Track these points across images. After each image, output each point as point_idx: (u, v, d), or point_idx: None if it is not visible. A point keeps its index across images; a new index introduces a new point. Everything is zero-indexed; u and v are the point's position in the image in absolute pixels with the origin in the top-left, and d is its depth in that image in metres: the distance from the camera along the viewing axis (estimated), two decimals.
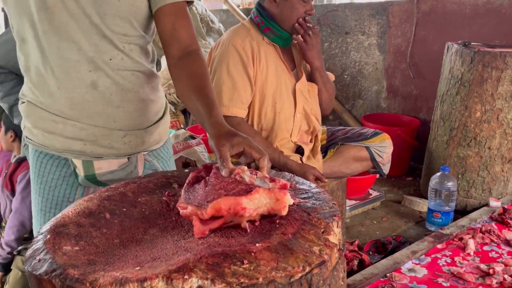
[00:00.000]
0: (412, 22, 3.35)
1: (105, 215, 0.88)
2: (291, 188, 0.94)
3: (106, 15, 1.09)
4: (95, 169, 1.18)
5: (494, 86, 2.40)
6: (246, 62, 1.88)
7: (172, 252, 0.74)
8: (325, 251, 0.73)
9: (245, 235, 0.78)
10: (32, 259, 0.73)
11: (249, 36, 1.92)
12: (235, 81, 1.87)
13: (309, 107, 2.07)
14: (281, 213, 0.80)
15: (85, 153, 1.17)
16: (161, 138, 1.31)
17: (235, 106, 1.88)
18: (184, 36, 1.14)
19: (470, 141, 2.50)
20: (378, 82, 3.71)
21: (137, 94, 1.19)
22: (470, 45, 2.62)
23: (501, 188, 2.53)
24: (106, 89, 1.14)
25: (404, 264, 1.77)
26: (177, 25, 1.14)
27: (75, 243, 0.78)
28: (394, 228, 2.49)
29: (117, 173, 1.20)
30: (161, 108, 1.30)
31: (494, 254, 1.85)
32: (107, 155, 1.19)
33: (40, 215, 1.24)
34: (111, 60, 1.13)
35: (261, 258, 0.69)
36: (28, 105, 1.18)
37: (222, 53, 1.91)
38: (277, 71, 1.97)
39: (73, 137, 1.16)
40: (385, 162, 2.21)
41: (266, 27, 1.94)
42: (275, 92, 1.97)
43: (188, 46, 1.14)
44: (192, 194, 0.85)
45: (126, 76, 1.16)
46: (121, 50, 1.14)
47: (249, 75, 1.89)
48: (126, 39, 1.14)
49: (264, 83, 1.94)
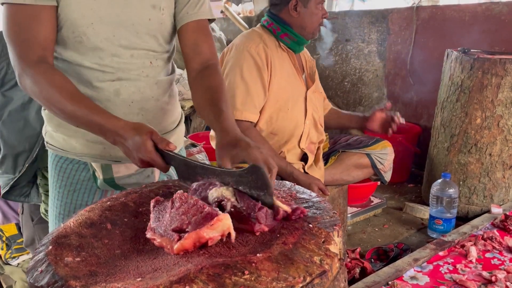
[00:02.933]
0: (411, 29, 3.36)
1: (107, 226, 0.88)
2: (291, 197, 0.95)
3: (138, 33, 1.16)
4: (114, 172, 1.22)
5: (494, 92, 2.40)
6: (260, 66, 1.91)
7: (173, 263, 0.74)
8: (326, 261, 0.73)
9: (246, 245, 0.78)
10: (34, 270, 0.73)
11: (262, 42, 1.95)
12: (248, 85, 1.89)
13: (317, 115, 2.10)
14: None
15: (104, 157, 1.22)
16: (176, 145, 1.33)
17: (247, 110, 1.89)
18: (205, 51, 1.21)
19: (471, 147, 2.50)
20: (379, 89, 3.72)
21: (157, 103, 1.24)
22: (470, 52, 2.63)
23: (502, 195, 2.53)
24: (128, 96, 1.19)
25: (406, 271, 1.77)
26: (199, 40, 1.21)
27: (76, 254, 0.78)
28: (395, 235, 2.48)
29: (134, 177, 1.23)
30: (177, 117, 1.35)
31: (496, 261, 1.85)
32: (126, 159, 1.22)
33: (59, 219, 1.27)
34: (138, 75, 1.19)
35: (262, 268, 0.69)
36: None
37: (236, 58, 1.93)
38: (290, 77, 2.00)
39: (94, 140, 1.20)
40: (387, 170, 2.21)
41: (284, 33, 1.98)
42: (288, 98, 1.99)
43: (208, 60, 1.21)
44: (161, 214, 0.84)
45: (148, 86, 1.22)
46: (147, 66, 1.20)
47: (263, 80, 1.91)
48: (153, 54, 1.21)
49: (277, 88, 1.96)
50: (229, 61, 1.95)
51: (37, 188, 1.78)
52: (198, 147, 2.62)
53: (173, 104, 1.31)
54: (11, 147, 1.69)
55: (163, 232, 0.79)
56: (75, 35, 1.12)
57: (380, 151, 2.17)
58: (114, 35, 1.14)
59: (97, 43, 1.14)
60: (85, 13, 1.10)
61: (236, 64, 1.91)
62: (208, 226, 0.76)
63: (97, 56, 1.15)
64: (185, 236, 0.76)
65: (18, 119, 1.66)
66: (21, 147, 1.69)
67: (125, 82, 1.18)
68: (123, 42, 1.15)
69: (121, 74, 1.17)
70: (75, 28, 1.11)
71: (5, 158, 1.70)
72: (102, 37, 1.13)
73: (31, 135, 1.68)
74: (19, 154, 1.69)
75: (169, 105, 1.29)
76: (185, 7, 1.21)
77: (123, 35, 1.15)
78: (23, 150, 1.68)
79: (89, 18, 1.11)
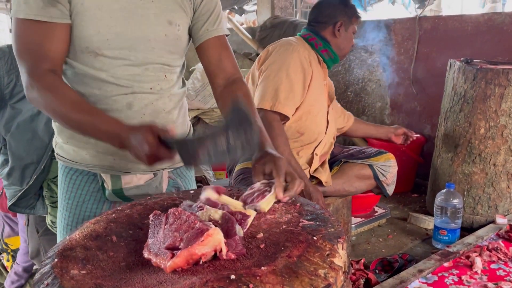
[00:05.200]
0: (414, 39, 3.37)
1: (112, 238, 0.88)
2: (295, 210, 0.95)
3: (154, 48, 1.18)
4: (123, 183, 1.23)
5: (497, 102, 2.40)
6: (305, 69, 2.04)
7: (178, 276, 0.74)
8: (331, 274, 0.73)
9: (250, 258, 0.78)
10: (40, 283, 0.73)
11: (307, 50, 2.09)
12: (293, 83, 2.00)
13: (333, 130, 2.23)
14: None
15: (114, 168, 1.23)
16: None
17: (288, 105, 1.99)
18: (229, 66, 1.25)
19: (475, 157, 2.49)
20: (382, 98, 3.73)
21: (168, 116, 1.26)
22: (473, 62, 2.63)
23: (507, 205, 2.51)
24: (140, 109, 1.21)
25: (411, 283, 1.76)
26: (222, 56, 1.25)
27: (82, 267, 0.78)
28: (400, 245, 2.47)
29: (143, 188, 1.25)
30: (186, 130, 1.37)
31: (501, 272, 1.84)
32: (135, 170, 1.24)
33: (66, 230, 1.28)
34: (152, 88, 1.21)
35: (266, 281, 0.69)
36: None
37: (284, 56, 2.05)
38: (320, 89, 2.14)
39: (104, 152, 1.21)
40: (389, 182, 2.21)
41: (325, 49, 2.14)
42: (318, 106, 2.12)
43: (233, 75, 1.25)
44: (156, 229, 0.84)
45: (161, 99, 1.23)
46: (161, 79, 1.22)
47: (305, 81, 2.04)
48: (168, 68, 1.23)
49: (312, 93, 2.08)
50: (276, 58, 2.06)
51: (42, 200, 1.78)
52: None
53: (183, 116, 1.33)
54: (19, 158, 1.69)
55: (157, 251, 0.79)
56: (89, 50, 1.13)
57: (383, 162, 2.18)
58: (130, 50, 1.15)
59: (112, 58, 1.15)
60: (101, 30, 1.11)
61: (283, 62, 2.03)
62: (199, 243, 0.76)
63: (111, 69, 1.16)
64: (177, 254, 0.76)
65: (26, 131, 1.67)
66: (29, 159, 1.69)
67: (138, 95, 1.19)
68: (139, 56, 1.17)
69: (135, 88, 1.18)
70: (90, 44, 1.12)
71: (13, 170, 1.71)
72: (117, 52, 1.14)
73: (40, 147, 1.68)
74: (27, 166, 1.69)
75: (179, 118, 1.30)
76: (205, 24, 1.24)
77: (139, 50, 1.16)
78: (31, 162, 1.69)
79: (105, 35, 1.12)
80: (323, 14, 2.16)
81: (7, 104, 1.66)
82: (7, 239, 2.15)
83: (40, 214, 1.80)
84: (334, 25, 2.12)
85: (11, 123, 1.68)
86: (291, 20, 4.41)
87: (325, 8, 2.17)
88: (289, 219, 0.91)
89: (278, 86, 1.98)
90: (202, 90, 3.76)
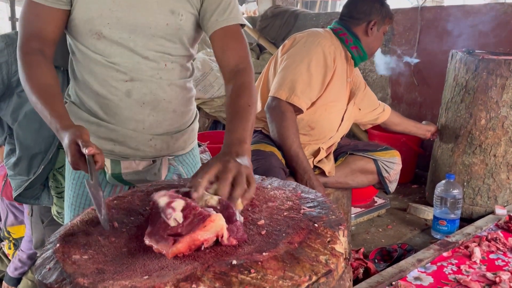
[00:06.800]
0: (416, 30, 3.36)
1: (113, 224, 0.89)
2: (297, 198, 0.95)
3: (154, 36, 1.17)
4: (122, 168, 1.25)
5: (498, 93, 2.40)
6: (328, 65, 2.01)
7: (180, 261, 0.74)
8: (332, 261, 0.73)
9: (252, 244, 0.78)
10: (42, 268, 0.74)
11: (333, 45, 2.05)
12: (312, 78, 1.98)
13: (346, 128, 2.22)
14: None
15: (114, 153, 1.25)
16: (187, 145, 1.37)
17: (303, 99, 1.98)
18: (233, 56, 1.21)
19: (475, 148, 2.49)
20: (383, 89, 3.72)
21: (169, 105, 1.25)
22: (474, 52, 2.62)
23: (506, 196, 2.52)
24: (139, 97, 1.21)
25: (409, 272, 1.77)
26: (225, 47, 1.22)
27: (84, 252, 0.79)
28: (399, 236, 2.48)
29: (141, 174, 1.26)
30: (190, 118, 1.36)
31: (500, 262, 1.85)
32: (134, 156, 1.26)
33: (71, 209, 1.32)
34: (151, 76, 1.20)
35: (268, 267, 0.69)
36: (70, 105, 1.26)
37: (308, 48, 2.02)
38: (342, 86, 2.11)
39: (105, 137, 1.23)
40: (392, 179, 2.22)
41: (355, 46, 2.11)
42: (336, 102, 2.10)
43: (237, 65, 1.21)
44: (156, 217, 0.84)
45: (161, 88, 1.23)
46: (161, 68, 1.21)
47: (325, 77, 2.02)
48: (169, 57, 1.22)
49: (332, 89, 2.06)
50: (301, 48, 2.03)
51: (48, 191, 1.77)
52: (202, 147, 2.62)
53: (187, 105, 1.32)
54: (27, 148, 1.67)
55: (159, 237, 0.79)
56: (92, 33, 1.15)
57: (388, 158, 2.19)
58: (130, 36, 1.16)
59: (112, 42, 1.16)
60: (103, 13, 1.13)
61: (306, 54, 2.00)
62: (201, 228, 0.77)
63: (112, 55, 1.17)
64: (179, 240, 0.77)
65: (34, 120, 1.64)
66: (37, 149, 1.68)
67: (137, 83, 1.19)
68: (138, 43, 1.17)
69: (134, 75, 1.18)
70: (92, 26, 1.14)
71: (20, 159, 1.69)
72: (117, 37, 1.15)
73: (47, 136, 1.66)
74: (34, 155, 1.68)
75: (182, 107, 1.30)
76: (214, 14, 1.21)
77: (139, 37, 1.16)
78: (38, 152, 1.67)
79: (106, 18, 1.13)
80: (358, 10, 2.11)
81: (14, 93, 1.65)
82: (10, 228, 2.16)
83: (45, 204, 1.79)
84: (368, 23, 2.09)
85: (18, 112, 1.66)
86: (292, 9, 4.38)
87: (361, 4, 2.12)
88: (290, 206, 0.91)
89: (297, 78, 1.97)
90: (202, 80, 3.75)
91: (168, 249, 0.76)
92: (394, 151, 2.23)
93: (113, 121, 1.22)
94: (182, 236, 0.77)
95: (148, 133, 1.24)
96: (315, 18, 4.14)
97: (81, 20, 1.14)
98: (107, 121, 1.22)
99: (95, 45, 1.16)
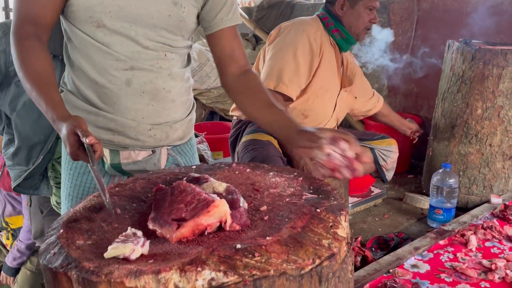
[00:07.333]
0: (412, 20, 3.36)
1: (116, 210, 0.89)
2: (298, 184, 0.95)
3: (156, 27, 1.17)
4: (121, 158, 1.25)
5: (495, 83, 2.41)
6: (314, 51, 1.99)
7: (184, 246, 0.75)
8: (334, 244, 0.74)
9: (255, 229, 0.79)
10: (47, 252, 0.74)
11: (319, 31, 2.03)
12: (299, 65, 1.97)
13: (341, 114, 2.22)
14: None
15: (113, 142, 1.24)
16: (185, 135, 1.36)
17: (292, 87, 1.98)
18: (241, 57, 1.27)
19: (471, 138, 2.51)
20: (379, 80, 3.72)
21: (168, 95, 1.25)
22: (471, 42, 2.63)
23: (502, 185, 2.54)
24: (139, 87, 1.20)
25: (407, 260, 1.79)
26: (235, 47, 1.26)
27: (87, 238, 0.79)
28: (396, 225, 2.50)
29: (140, 164, 1.26)
30: (188, 108, 1.36)
31: (496, 250, 1.87)
32: (133, 146, 1.25)
33: (68, 200, 1.31)
34: (151, 65, 1.20)
35: (271, 251, 0.70)
36: (66, 94, 1.24)
37: (293, 37, 2.00)
38: (332, 71, 2.09)
39: (103, 127, 1.22)
40: (389, 168, 2.23)
41: (336, 29, 2.06)
42: (327, 88, 2.08)
43: (245, 65, 1.27)
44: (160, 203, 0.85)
45: (161, 78, 1.22)
46: (161, 58, 1.21)
47: (312, 64, 2.00)
48: (169, 48, 1.22)
49: (322, 76, 2.04)
50: (286, 37, 2.01)
51: (47, 181, 1.76)
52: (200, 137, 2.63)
53: (185, 95, 1.32)
54: (26, 138, 1.66)
55: (162, 222, 0.80)
56: (92, 20, 1.13)
57: (384, 147, 2.19)
58: (131, 25, 1.15)
59: (112, 31, 1.14)
60: (104, 1, 1.12)
61: (291, 42, 1.99)
62: (205, 213, 0.77)
63: (112, 43, 1.15)
64: (183, 224, 0.77)
65: (33, 110, 1.63)
66: (36, 139, 1.66)
67: (137, 72, 1.18)
68: (140, 33, 1.16)
69: (134, 64, 1.17)
70: (93, 14, 1.12)
71: (19, 150, 1.68)
72: (118, 26, 1.14)
73: (46, 126, 1.65)
74: (34, 145, 1.66)
75: (181, 97, 1.29)
76: (219, 13, 1.23)
77: (140, 26, 1.15)
78: (38, 142, 1.66)
79: (108, 6, 1.12)
80: None
81: (12, 82, 1.63)
82: (8, 218, 2.15)
83: (44, 194, 1.78)
84: (338, 1, 2.05)
85: (16, 102, 1.65)
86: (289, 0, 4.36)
87: None
88: (292, 192, 0.92)
89: (284, 66, 1.96)
90: (198, 71, 3.73)
91: (172, 233, 0.76)
92: (390, 139, 2.23)
93: (112, 110, 1.21)
94: (186, 221, 0.77)
95: (148, 123, 1.24)
96: (311, 9, 4.13)
97: (81, 7, 1.12)
98: (105, 110, 1.21)
99: (94, 33, 1.15)
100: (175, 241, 0.76)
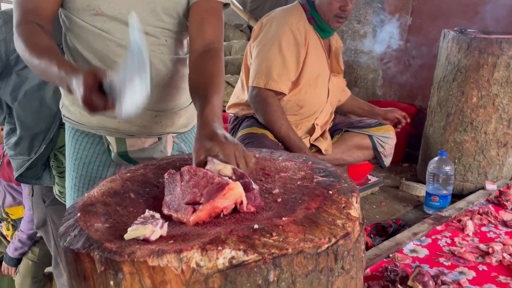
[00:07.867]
0: (408, 10, 3.37)
1: (130, 195, 0.90)
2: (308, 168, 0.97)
3: (154, 11, 1.16)
4: (128, 146, 1.24)
5: (490, 72, 2.45)
6: (299, 42, 1.98)
7: (201, 228, 0.76)
8: (348, 224, 0.76)
9: (269, 210, 0.81)
10: (67, 235, 0.75)
11: (302, 19, 2.01)
12: (286, 59, 1.96)
13: (334, 99, 2.22)
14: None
15: (119, 130, 1.24)
16: (189, 122, 1.37)
17: (282, 82, 1.97)
18: (209, 33, 1.17)
19: (466, 126, 2.55)
20: (374, 70, 3.74)
21: (170, 81, 1.25)
22: (466, 32, 2.66)
23: (496, 172, 2.59)
24: None
25: (406, 245, 1.82)
26: (205, 20, 1.17)
27: (104, 221, 0.80)
28: (393, 212, 2.54)
29: (147, 152, 1.26)
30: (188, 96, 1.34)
31: (492, 235, 1.91)
32: (139, 134, 1.25)
33: (74, 190, 1.30)
34: (153, 51, 1.19)
35: (288, 230, 0.72)
36: None
37: (276, 31, 1.99)
38: (319, 57, 2.08)
39: (109, 115, 1.19)
40: (387, 154, 2.26)
41: (311, 16, 2.04)
42: (317, 75, 2.08)
43: (211, 43, 1.17)
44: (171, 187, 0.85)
45: (163, 63, 1.22)
46: (162, 44, 1.20)
47: (299, 55, 1.98)
48: (168, 33, 1.21)
49: (311, 64, 2.03)
50: (269, 32, 2.00)
51: (49, 170, 1.76)
52: None
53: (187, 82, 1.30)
54: (27, 128, 1.66)
55: (177, 207, 0.81)
56: (90, 8, 1.13)
57: (382, 133, 2.22)
58: (129, 11, 1.14)
59: (111, 18, 1.14)
60: None
61: (275, 37, 1.97)
62: (221, 196, 0.79)
63: (111, 30, 1.15)
64: (200, 208, 0.79)
65: (34, 99, 1.62)
66: (38, 128, 1.66)
67: None
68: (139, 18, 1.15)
69: None
70: (91, 2, 1.12)
71: (21, 139, 1.67)
72: (116, 12, 1.14)
73: (48, 115, 1.64)
74: (36, 135, 1.66)
75: (184, 83, 1.29)
76: None
77: (139, 12, 1.15)
78: (40, 131, 1.65)
79: None
80: None
81: (13, 71, 1.62)
82: (8, 209, 2.15)
83: (46, 184, 1.78)
84: None
85: (18, 91, 1.64)
86: None
87: None
88: (303, 176, 0.93)
89: (271, 63, 1.95)
90: None
91: (189, 217, 0.78)
92: (388, 126, 2.26)
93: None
94: (202, 204, 0.79)
95: (153, 109, 1.25)
96: None
97: None
98: None
99: (93, 21, 1.15)
100: (192, 224, 0.77)
